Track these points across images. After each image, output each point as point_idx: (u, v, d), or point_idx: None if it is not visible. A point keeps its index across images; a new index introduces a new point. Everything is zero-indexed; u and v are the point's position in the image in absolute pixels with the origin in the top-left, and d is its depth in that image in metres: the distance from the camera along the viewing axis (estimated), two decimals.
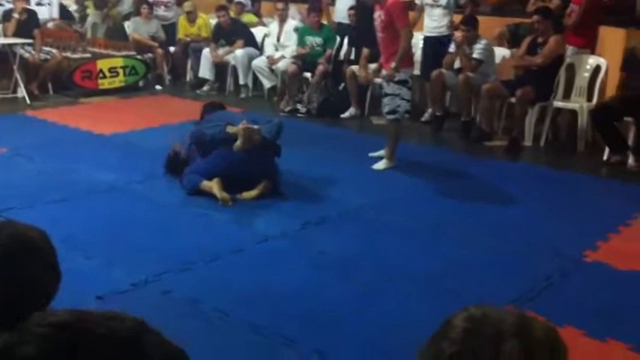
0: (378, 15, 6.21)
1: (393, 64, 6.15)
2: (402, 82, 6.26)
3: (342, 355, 3.36)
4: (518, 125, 7.39)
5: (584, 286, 4.18)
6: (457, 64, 7.92)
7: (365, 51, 8.13)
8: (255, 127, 5.48)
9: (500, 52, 8.20)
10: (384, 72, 6.44)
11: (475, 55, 7.70)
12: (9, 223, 1.55)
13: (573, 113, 7.49)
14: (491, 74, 7.83)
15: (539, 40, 7.40)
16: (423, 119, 8.39)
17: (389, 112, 6.39)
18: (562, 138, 7.78)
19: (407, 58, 6.35)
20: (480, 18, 7.94)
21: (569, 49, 7.68)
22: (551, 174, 6.53)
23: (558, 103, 7.53)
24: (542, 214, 5.43)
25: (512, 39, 8.39)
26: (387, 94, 6.37)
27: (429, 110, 8.37)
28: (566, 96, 7.62)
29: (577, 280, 4.28)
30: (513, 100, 7.39)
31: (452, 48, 7.90)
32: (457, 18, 8.09)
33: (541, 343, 0.89)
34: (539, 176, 6.47)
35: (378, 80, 7.44)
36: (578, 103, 7.43)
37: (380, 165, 6.47)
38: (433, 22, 8.20)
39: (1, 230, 1.50)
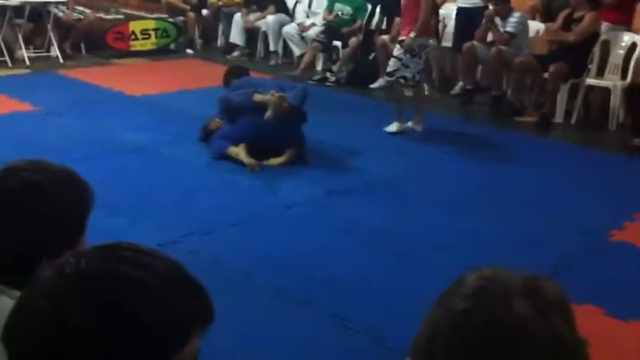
0: None
1: (412, 34, 6.21)
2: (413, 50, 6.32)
3: (358, 318, 3.41)
4: (550, 101, 7.29)
5: (608, 265, 4.16)
6: (490, 37, 7.81)
7: (397, 20, 8.05)
8: (284, 95, 5.50)
9: (535, 26, 8.06)
10: (402, 39, 6.46)
11: (508, 29, 7.58)
12: (34, 163, 1.48)
13: (606, 91, 7.37)
14: (525, 48, 7.70)
15: (575, 15, 7.26)
16: (453, 92, 8.32)
17: (389, 74, 6.46)
18: (593, 116, 7.67)
19: (426, 27, 6.41)
20: None
21: (605, 25, 7.52)
22: (581, 151, 6.46)
23: (591, 80, 7.41)
24: (568, 191, 5.38)
25: (545, 12, 8.25)
26: (395, 57, 6.44)
27: (460, 83, 8.29)
28: (600, 73, 7.49)
29: (601, 259, 4.26)
30: (546, 75, 7.28)
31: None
32: None
33: (552, 302, 0.91)
34: (568, 153, 6.40)
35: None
36: (611, 81, 7.31)
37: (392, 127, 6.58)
38: None
39: (14, 174, 1.43)
